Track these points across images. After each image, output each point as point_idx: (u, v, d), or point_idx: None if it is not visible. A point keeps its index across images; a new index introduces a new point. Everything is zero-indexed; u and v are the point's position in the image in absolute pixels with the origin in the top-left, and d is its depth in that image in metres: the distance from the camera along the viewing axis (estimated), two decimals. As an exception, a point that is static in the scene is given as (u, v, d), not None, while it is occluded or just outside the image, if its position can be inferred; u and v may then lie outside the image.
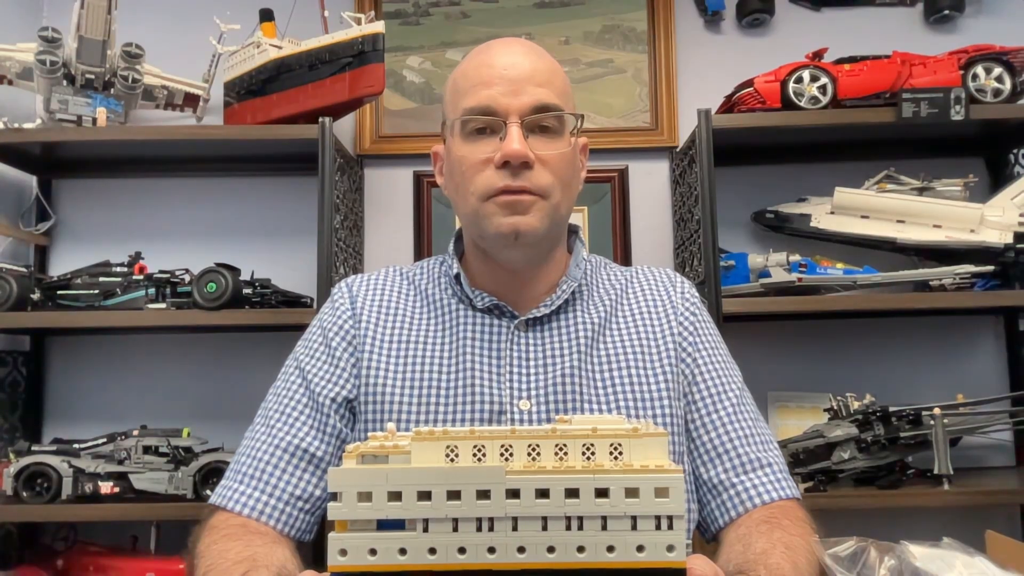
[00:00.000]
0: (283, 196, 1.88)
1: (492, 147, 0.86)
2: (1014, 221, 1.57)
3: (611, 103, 1.88)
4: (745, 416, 0.92)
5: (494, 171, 0.85)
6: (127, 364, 1.84)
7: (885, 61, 1.60)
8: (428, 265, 1.03)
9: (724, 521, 0.86)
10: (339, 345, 0.93)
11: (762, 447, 0.90)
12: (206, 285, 1.52)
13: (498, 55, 0.89)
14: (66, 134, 1.61)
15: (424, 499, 0.41)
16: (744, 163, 1.80)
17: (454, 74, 0.93)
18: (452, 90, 0.92)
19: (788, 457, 1.48)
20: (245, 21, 1.74)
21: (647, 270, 1.02)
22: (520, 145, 0.84)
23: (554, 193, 0.87)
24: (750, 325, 1.76)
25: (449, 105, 0.93)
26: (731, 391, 0.93)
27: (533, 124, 0.86)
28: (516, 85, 0.86)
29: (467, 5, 1.92)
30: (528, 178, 0.85)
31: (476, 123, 0.87)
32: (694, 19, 1.92)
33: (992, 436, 1.65)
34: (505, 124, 0.85)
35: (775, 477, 0.88)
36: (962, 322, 1.81)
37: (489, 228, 0.88)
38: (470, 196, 0.88)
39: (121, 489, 1.46)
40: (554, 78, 0.89)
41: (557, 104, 0.87)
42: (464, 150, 0.88)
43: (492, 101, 0.85)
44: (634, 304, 0.97)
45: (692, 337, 0.95)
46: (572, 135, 0.90)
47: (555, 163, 0.87)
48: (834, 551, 0.67)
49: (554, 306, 0.93)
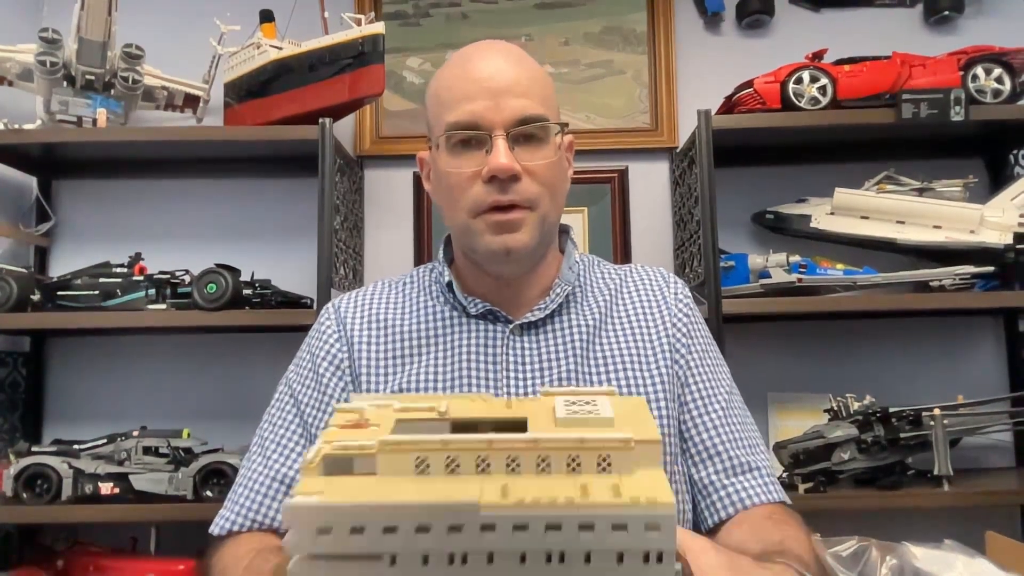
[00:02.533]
0: (283, 197, 1.88)
1: (478, 160, 0.86)
2: (1014, 222, 1.57)
3: (611, 104, 1.88)
4: (734, 419, 0.92)
5: (482, 186, 0.85)
6: (127, 365, 1.84)
7: (885, 62, 1.60)
8: (418, 274, 1.02)
9: (713, 521, 0.87)
10: (326, 372, 0.93)
11: (751, 451, 0.91)
12: (206, 286, 1.52)
13: (478, 65, 0.88)
14: (66, 135, 1.61)
15: (390, 532, 0.37)
16: (744, 164, 1.80)
17: (435, 84, 0.92)
18: (435, 102, 0.91)
19: (788, 458, 1.48)
20: (245, 22, 1.74)
21: (641, 269, 1.02)
22: (507, 159, 0.83)
23: (542, 203, 0.87)
24: (750, 326, 1.76)
25: (432, 116, 0.92)
26: (721, 393, 0.93)
27: (518, 135, 0.86)
28: (498, 97, 0.85)
29: (467, 6, 1.92)
30: (516, 191, 0.85)
31: (460, 137, 0.86)
32: (694, 20, 1.92)
33: (992, 436, 1.65)
34: (490, 137, 0.85)
35: (763, 481, 0.89)
36: (962, 322, 1.81)
37: (480, 245, 0.88)
38: (460, 211, 0.88)
39: (121, 490, 1.46)
40: (535, 85, 0.88)
41: (541, 114, 0.87)
42: (451, 164, 0.87)
43: (475, 115, 0.85)
44: (629, 305, 0.97)
45: (685, 339, 0.95)
46: (558, 137, 0.89)
47: (542, 172, 0.87)
48: (835, 550, 0.67)
49: (548, 310, 0.93)
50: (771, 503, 0.87)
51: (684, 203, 1.73)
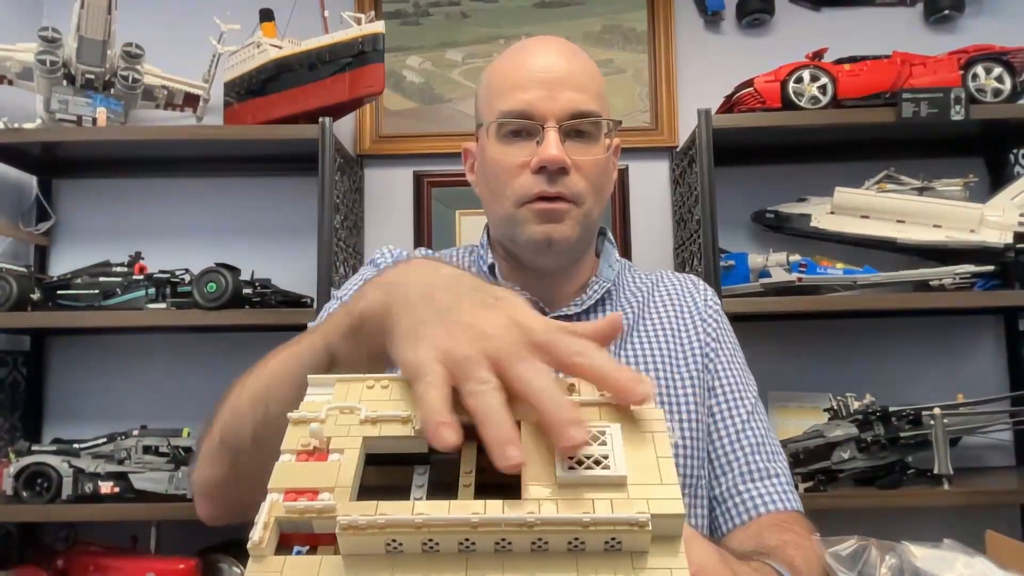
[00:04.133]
0: (283, 196, 1.88)
1: (528, 151, 0.85)
2: (1014, 221, 1.57)
3: (611, 103, 1.86)
4: (756, 426, 0.92)
5: (530, 176, 0.84)
6: (127, 364, 1.84)
7: (885, 61, 1.60)
8: (458, 254, 1.02)
9: (727, 528, 0.86)
10: None
11: (770, 457, 0.90)
12: (206, 285, 1.52)
13: (535, 56, 0.88)
14: (66, 134, 1.61)
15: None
16: (744, 163, 1.80)
17: (488, 74, 0.92)
18: (487, 90, 0.91)
19: (788, 457, 1.48)
20: (245, 21, 1.74)
21: (671, 275, 1.02)
22: (558, 151, 0.83)
23: (588, 200, 0.87)
24: (750, 325, 1.75)
25: (483, 105, 0.91)
26: (746, 400, 0.93)
27: (570, 129, 0.85)
28: (553, 89, 0.84)
29: (467, 5, 1.92)
30: (564, 184, 0.84)
31: (512, 126, 0.86)
32: (694, 19, 1.92)
33: (992, 436, 1.65)
34: (542, 128, 0.84)
35: (781, 488, 0.88)
36: (962, 322, 1.81)
37: (522, 235, 0.87)
38: (505, 200, 0.87)
39: (121, 489, 1.46)
40: (591, 82, 0.88)
41: (594, 110, 0.86)
42: (499, 153, 0.87)
43: (529, 105, 0.84)
44: (661, 309, 0.96)
45: (714, 343, 0.94)
46: (608, 136, 0.89)
47: (590, 169, 0.86)
48: (835, 550, 0.67)
49: (585, 305, 0.92)
50: (785, 511, 0.86)
51: (684, 202, 1.73)
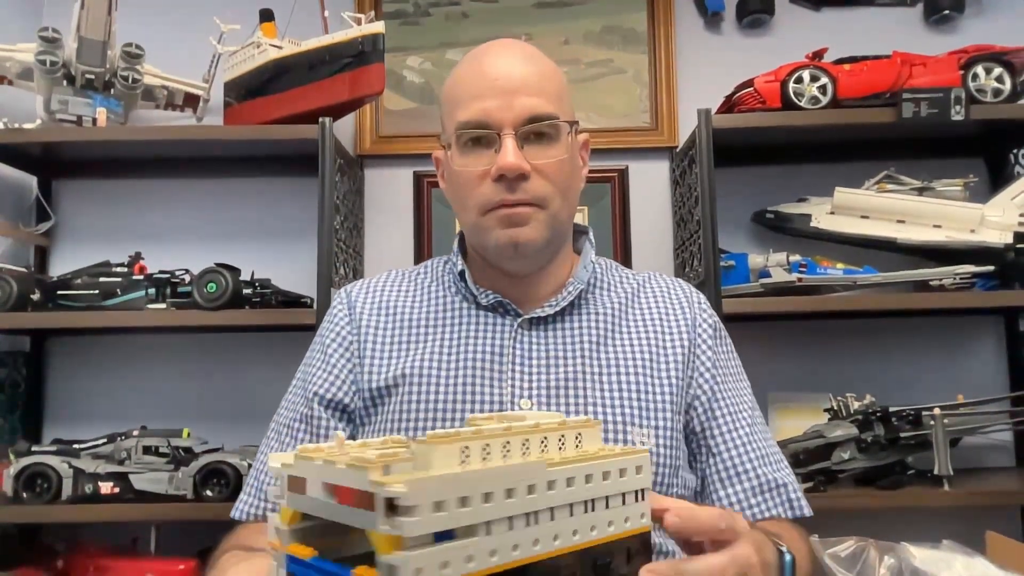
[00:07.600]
0: (283, 196, 1.88)
1: (488, 159, 0.86)
2: (1014, 221, 1.57)
3: (611, 103, 1.88)
4: (759, 435, 0.93)
5: (491, 184, 0.85)
6: (127, 364, 1.84)
7: (885, 61, 1.60)
8: (432, 264, 1.04)
9: None
10: (335, 352, 0.94)
11: (776, 467, 0.92)
12: (206, 285, 1.52)
13: (490, 64, 0.88)
14: (66, 134, 1.61)
15: (487, 501, 0.40)
16: (744, 163, 1.80)
17: (448, 83, 0.93)
18: (447, 100, 0.92)
19: (788, 457, 1.48)
20: (245, 21, 1.74)
21: (660, 278, 1.02)
22: (514, 158, 0.83)
23: (553, 201, 0.87)
24: (750, 325, 1.76)
25: (445, 115, 0.92)
26: (746, 409, 0.94)
27: (528, 134, 0.86)
28: (509, 96, 0.85)
29: (467, 5, 1.92)
30: (525, 189, 0.85)
31: (470, 135, 0.87)
32: (694, 19, 1.92)
33: (992, 436, 1.65)
34: (499, 136, 0.85)
35: (791, 498, 0.90)
36: (962, 322, 1.81)
37: (489, 241, 0.88)
38: (470, 210, 0.89)
39: (121, 490, 1.46)
40: (547, 84, 0.88)
41: (551, 112, 0.87)
42: (461, 163, 0.88)
43: (485, 114, 0.85)
44: (644, 311, 0.96)
45: (711, 352, 0.94)
46: (569, 136, 0.89)
47: (552, 171, 0.87)
48: (834, 551, 0.67)
49: (558, 307, 0.92)
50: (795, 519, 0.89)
51: (684, 202, 1.73)
